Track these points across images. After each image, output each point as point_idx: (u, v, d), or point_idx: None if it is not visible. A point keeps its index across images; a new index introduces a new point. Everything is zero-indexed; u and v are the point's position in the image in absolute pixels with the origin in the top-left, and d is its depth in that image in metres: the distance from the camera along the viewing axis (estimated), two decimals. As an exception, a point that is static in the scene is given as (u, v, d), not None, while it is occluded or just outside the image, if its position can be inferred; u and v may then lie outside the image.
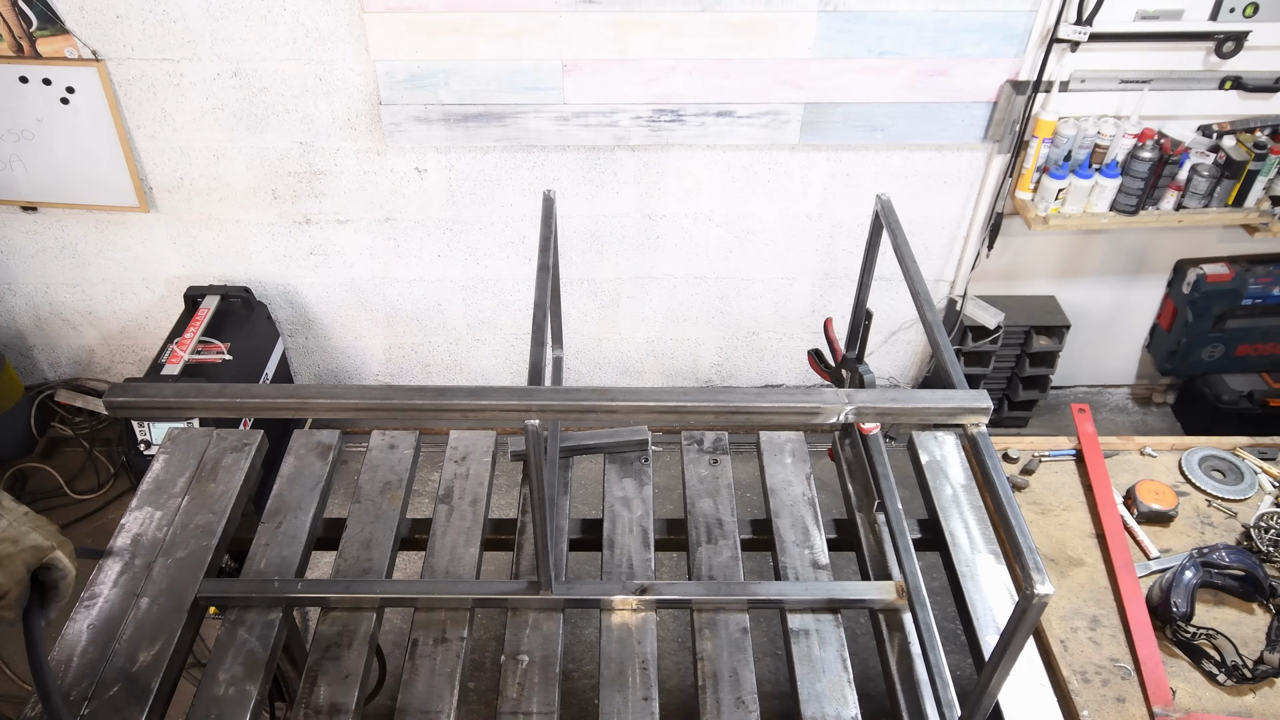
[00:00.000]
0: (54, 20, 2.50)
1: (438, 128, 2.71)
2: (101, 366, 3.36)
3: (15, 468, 3.15)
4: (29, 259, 3.03)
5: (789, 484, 1.75)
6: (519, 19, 2.52)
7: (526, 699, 1.39)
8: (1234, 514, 1.83)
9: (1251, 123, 2.80)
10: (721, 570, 1.60)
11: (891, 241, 1.58)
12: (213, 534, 1.61)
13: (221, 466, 1.74)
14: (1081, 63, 2.68)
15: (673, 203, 2.94)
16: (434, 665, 1.43)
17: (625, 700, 1.39)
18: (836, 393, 1.20)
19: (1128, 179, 2.77)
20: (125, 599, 1.51)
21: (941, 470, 1.79)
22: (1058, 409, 3.55)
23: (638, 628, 1.49)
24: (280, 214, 2.92)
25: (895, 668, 1.45)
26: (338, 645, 1.46)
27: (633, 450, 1.80)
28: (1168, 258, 3.24)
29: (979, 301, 3.13)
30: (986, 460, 1.16)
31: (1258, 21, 2.63)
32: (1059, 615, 1.63)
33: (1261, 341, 3.28)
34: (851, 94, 2.70)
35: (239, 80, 2.63)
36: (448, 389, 1.18)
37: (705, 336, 3.31)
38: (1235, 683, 1.53)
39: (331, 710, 1.37)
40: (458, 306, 3.19)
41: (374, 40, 2.54)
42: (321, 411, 1.18)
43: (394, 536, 1.64)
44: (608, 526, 1.67)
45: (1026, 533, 1.07)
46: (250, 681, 1.40)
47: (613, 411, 1.21)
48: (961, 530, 1.67)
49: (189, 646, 1.50)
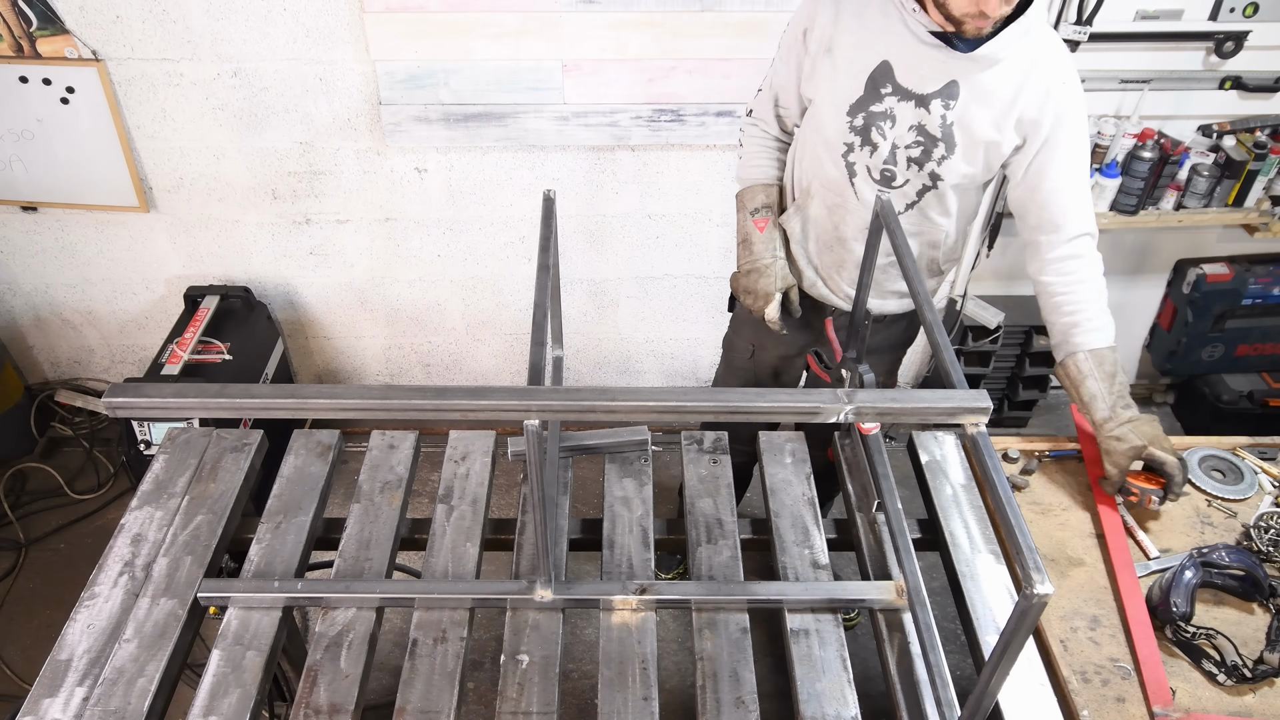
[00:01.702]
0: (54, 20, 2.50)
1: (438, 128, 2.71)
2: (101, 366, 3.36)
3: (15, 468, 3.15)
4: (29, 259, 3.03)
5: (789, 484, 1.75)
6: (519, 19, 2.52)
7: (526, 699, 1.39)
8: (1234, 514, 1.83)
9: (1251, 123, 2.80)
10: (721, 570, 1.60)
11: (891, 241, 1.58)
12: (213, 534, 1.61)
13: (221, 466, 1.74)
14: (1081, 63, 2.67)
15: (673, 203, 2.94)
16: (434, 665, 1.43)
17: (625, 700, 1.39)
18: (836, 393, 1.20)
19: (1128, 179, 2.77)
20: (125, 599, 1.51)
21: (941, 470, 1.79)
22: (1058, 409, 3.55)
23: (638, 628, 1.49)
24: (280, 214, 2.92)
25: (895, 668, 1.46)
26: (338, 645, 1.46)
27: (633, 450, 1.80)
28: (1168, 258, 3.24)
29: (979, 301, 3.13)
30: (986, 460, 1.16)
31: (1258, 21, 2.63)
32: (1059, 615, 1.63)
33: (1261, 341, 3.28)
34: (851, 94, 2.70)
35: (239, 80, 2.63)
36: (447, 389, 1.18)
37: (705, 336, 3.31)
38: (1235, 683, 1.53)
39: (331, 710, 1.37)
40: (457, 306, 3.19)
41: (374, 40, 2.54)
42: (321, 411, 1.18)
43: (394, 536, 1.64)
44: (607, 526, 1.67)
45: (1026, 533, 1.06)
46: (250, 681, 1.40)
47: (613, 411, 1.21)
48: (961, 530, 1.67)
49: (189, 646, 1.50)
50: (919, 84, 1.67)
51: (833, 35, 1.71)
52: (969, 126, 1.69)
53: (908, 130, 1.72)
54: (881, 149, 1.74)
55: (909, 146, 1.73)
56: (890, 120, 1.71)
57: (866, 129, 1.74)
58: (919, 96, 1.68)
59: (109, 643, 1.44)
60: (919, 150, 1.73)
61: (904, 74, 1.67)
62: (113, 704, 1.36)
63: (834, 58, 1.72)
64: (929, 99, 1.67)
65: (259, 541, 1.62)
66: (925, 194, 1.79)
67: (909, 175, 1.77)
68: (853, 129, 1.75)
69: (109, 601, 1.50)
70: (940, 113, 1.68)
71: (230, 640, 1.46)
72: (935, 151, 1.72)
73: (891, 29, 1.65)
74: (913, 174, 1.77)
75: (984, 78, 1.64)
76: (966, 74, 1.64)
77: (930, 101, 1.67)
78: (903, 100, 1.69)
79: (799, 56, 1.80)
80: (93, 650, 1.43)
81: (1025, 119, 1.67)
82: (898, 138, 1.72)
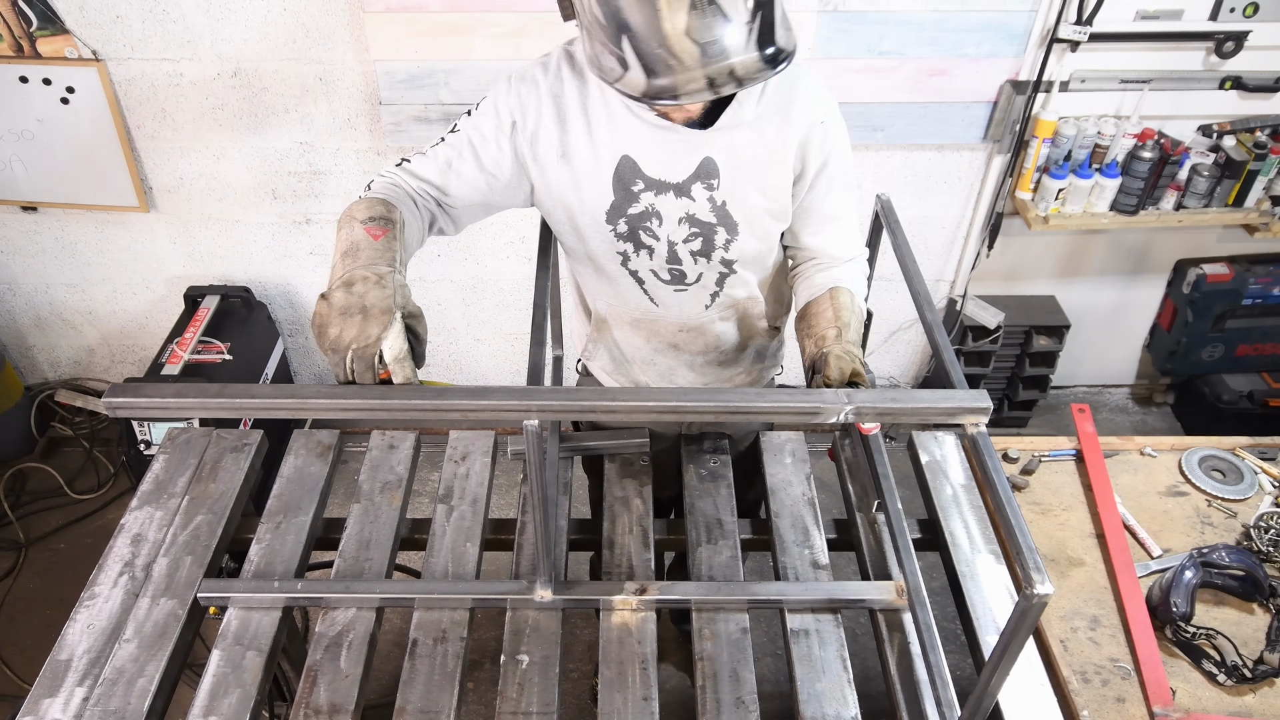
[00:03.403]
0: (54, 20, 2.50)
1: (438, 128, 2.71)
2: (101, 366, 3.36)
3: (15, 468, 3.15)
4: (29, 259, 3.03)
5: (789, 484, 1.75)
6: (519, 19, 2.51)
7: (526, 699, 1.39)
8: (1234, 514, 1.83)
9: (1251, 123, 2.80)
10: (721, 570, 1.60)
11: (891, 241, 1.58)
12: (213, 534, 1.61)
13: (221, 466, 1.74)
14: (1081, 63, 2.68)
15: (673, 203, 2.94)
16: (434, 665, 1.43)
17: (625, 700, 1.39)
18: (836, 393, 1.20)
19: (1128, 179, 2.77)
20: (125, 599, 1.51)
21: (941, 470, 1.79)
22: (1058, 409, 3.55)
23: (638, 628, 1.49)
24: (280, 214, 2.92)
25: (895, 668, 1.45)
26: (338, 645, 1.46)
27: (633, 451, 1.80)
28: (1168, 258, 3.24)
29: (979, 301, 3.13)
30: (987, 460, 1.16)
31: (1258, 21, 2.62)
32: (1059, 615, 1.63)
33: (1261, 341, 3.28)
34: (851, 94, 2.70)
35: (239, 80, 2.63)
36: (447, 389, 1.18)
37: (705, 336, 3.30)
38: (1235, 683, 1.53)
39: (331, 710, 1.37)
40: (457, 306, 3.18)
41: (374, 40, 2.54)
42: (321, 412, 1.18)
43: (394, 536, 1.64)
44: (607, 526, 1.67)
45: (1026, 532, 1.07)
46: (250, 681, 1.40)
47: (613, 412, 1.21)
48: (961, 530, 1.67)
49: (189, 647, 1.50)
50: (671, 173, 1.47)
51: (562, 140, 1.46)
52: (743, 200, 1.50)
53: (679, 224, 1.51)
54: (659, 250, 1.54)
55: (686, 240, 1.53)
56: (656, 218, 1.51)
57: (634, 233, 1.53)
58: (676, 186, 1.48)
59: (109, 643, 1.44)
60: (699, 242, 1.54)
61: (651, 166, 1.46)
62: (113, 704, 1.36)
63: (571, 165, 1.48)
64: (687, 185, 1.48)
65: (259, 541, 1.62)
66: (725, 281, 1.61)
67: (700, 269, 1.58)
68: (619, 236, 1.54)
69: (109, 601, 1.50)
70: (706, 196, 1.48)
71: (230, 640, 1.46)
72: (717, 238, 1.53)
73: (622, 121, 1.44)
74: (703, 266, 1.58)
75: (737, 143, 1.46)
76: (716, 147, 1.45)
77: (690, 187, 1.48)
78: (660, 194, 1.48)
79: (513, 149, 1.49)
80: (93, 650, 1.43)
81: (790, 168, 1.51)
82: (671, 234, 1.52)
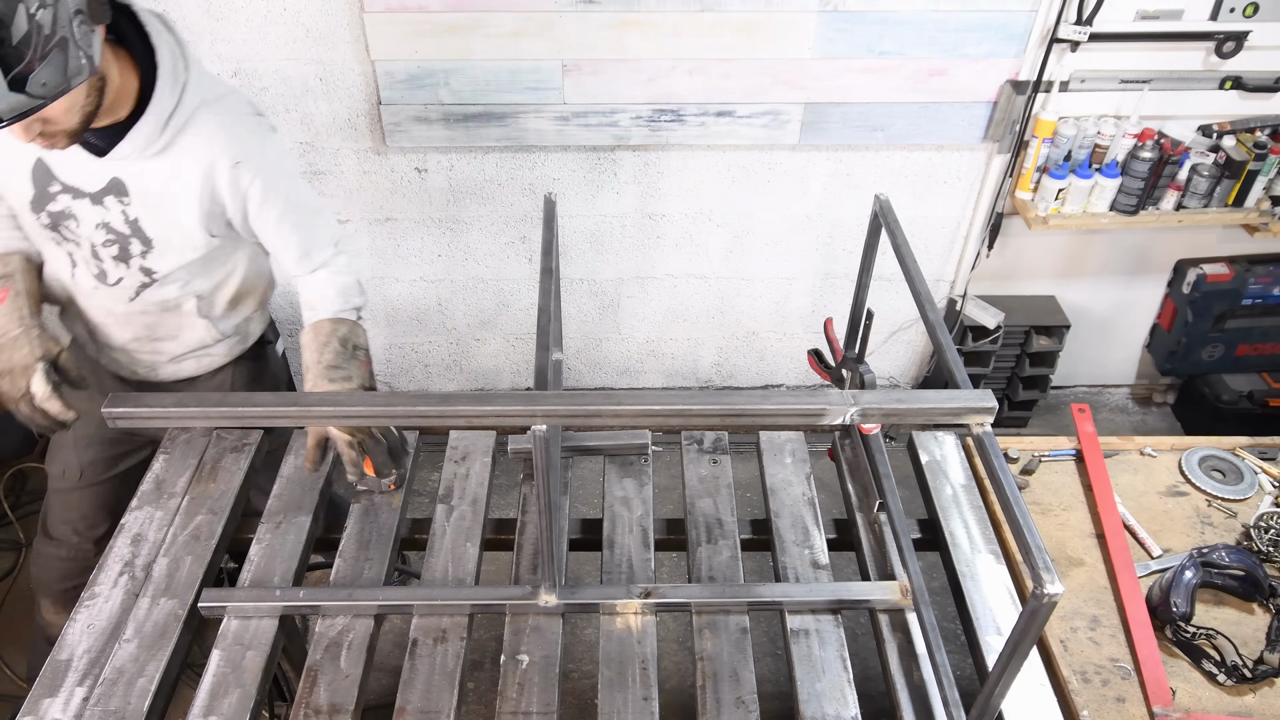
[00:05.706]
0: (54, 20, 2.49)
1: (438, 128, 2.71)
2: (101, 366, 3.35)
3: (15, 468, 3.14)
4: (28, 259, 3.02)
5: (789, 484, 1.75)
6: (519, 19, 2.51)
7: (526, 699, 1.39)
8: (1234, 514, 1.83)
9: (1251, 123, 2.80)
10: (722, 571, 1.60)
11: (891, 241, 1.58)
12: (213, 534, 1.61)
13: (221, 466, 1.74)
14: (1081, 63, 2.68)
15: (673, 203, 2.94)
16: (434, 665, 1.43)
17: (625, 700, 1.39)
18: (841, 394, 1.20)
19: (1128, 179, 2.77)
20: (125, 599, 1.51)
21: (941, 470, 1.79)
22: (1058, 409, 3.55)
23: (638, 629, 1.49)
24: (280, 214, 2.91)
25: (899, 668, 1.46)
26: (338, 646, 1.46)
27: (633, 451, 1.80)
28: (1168, 258, 3.24)
29: (979, 301, 3.13)
30: (992, 460, 1.16)
31: (1258, 21, 2.63)
32: (1059, 615, 1.63)
33: (1261, 341, 3.28)
34: (851, 94, 2.70)
35: (239, 80, 2.62)
36: (452, 395, 1.18)
37: (705, 336, 3.31)
38: (1235, 683, 1.53)
39: (331, 710, 1.37)
40: (458, 307, 3.18)
41: (374, 40, 2.54)
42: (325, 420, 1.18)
43: (394, 537, 1.64)
44: (608, 527, 1.67)
45: (1034, 532, 1.06)
46: (250, 681, 1.40)
47: (618, 415, 1.21)
48: (961, 530, 1.67)
49: (189, 647, 1.50)
50: (84, 182, 1.53)
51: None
52: (154, 220, 1.55)
53: (95, 228, 1.57)
54: (82, 247, 1.60)
55: (105, 245, 1.58)
56: (74, 219, 1.56)
57: (56, 227, 1.58)
58: (90, 195, 1.53)
59: (109, 643, 1.44)
60: (116, 248, 1.58)
61: (64, 172, 1.52)
62: (113, 704, 1.36)
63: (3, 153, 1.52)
64: (101, 196, 1.53)
65: (259, 541, 1.62)
66: (146, 290, 1.65)
67: (121, 273, 1.63)
68: (45, 226, 1.59)
69: (109, 601, 1.50)
70: (119, 209, 1.54)
71: (230, 640, 1.46)
72: (133, 248, 1.58)
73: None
74: (124, 271, 1.62)
75: (148, 171, 1.51)
76: (128, 171, 1.51)
77: (104, 199, 1.53)
78: (77, 198, 1.54)
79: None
80: (93, 650, 1.43)
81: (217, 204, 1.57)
82: (90, 236, 1.58)
